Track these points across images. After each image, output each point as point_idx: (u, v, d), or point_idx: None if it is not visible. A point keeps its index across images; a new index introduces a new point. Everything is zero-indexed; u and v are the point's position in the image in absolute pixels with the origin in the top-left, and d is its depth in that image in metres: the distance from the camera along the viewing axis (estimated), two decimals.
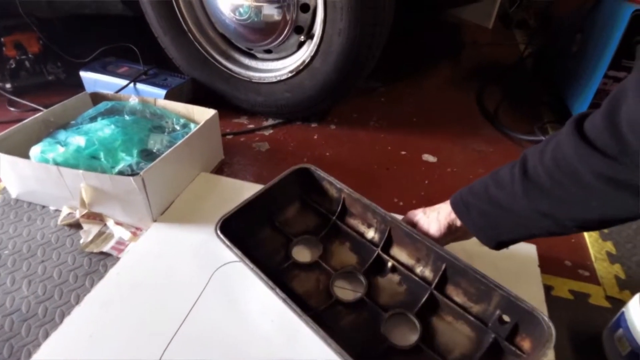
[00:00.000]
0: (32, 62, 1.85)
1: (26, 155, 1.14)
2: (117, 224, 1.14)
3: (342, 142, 1.64)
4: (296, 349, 0.85)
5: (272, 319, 0.91)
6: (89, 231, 1.12)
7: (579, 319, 0.98)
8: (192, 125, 1.36)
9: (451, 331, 0.88)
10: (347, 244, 1.08)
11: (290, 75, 1.56)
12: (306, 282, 0.99)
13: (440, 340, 0.87)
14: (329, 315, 0.90)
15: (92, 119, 1.32)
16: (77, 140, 1.16)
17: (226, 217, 0.98)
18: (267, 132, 1.68)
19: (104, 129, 1.22)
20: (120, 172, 1.13)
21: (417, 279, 0.95)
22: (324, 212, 1.13)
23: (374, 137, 1.68)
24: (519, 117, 1.87)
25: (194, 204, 1.22)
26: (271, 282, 0.85)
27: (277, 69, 1.64)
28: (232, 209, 1.00)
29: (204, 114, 1.36)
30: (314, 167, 1.12)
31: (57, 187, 1.12)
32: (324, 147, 1.60)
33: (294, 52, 1.59)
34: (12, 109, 1.72)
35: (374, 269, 1.01)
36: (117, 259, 1.06)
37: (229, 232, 0.95)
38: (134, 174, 1.10)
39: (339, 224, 1.10)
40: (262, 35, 1.53)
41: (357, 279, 0.99)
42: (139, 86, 1.67)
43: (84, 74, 1.74)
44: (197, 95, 1.76)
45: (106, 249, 1.09)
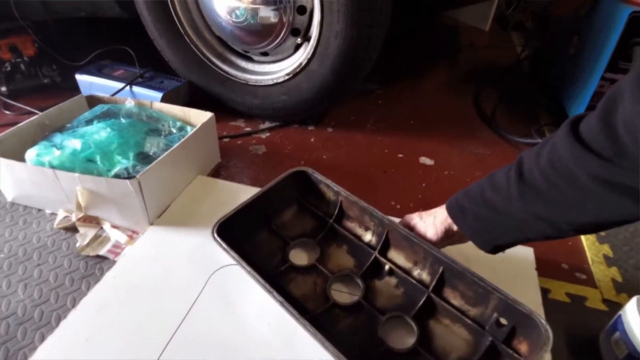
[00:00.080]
0: (28, 65, 1.84)
1: (22, 158, 1.14)
2: (114, 227, 1.14)
3: (339, 145, 1.64)
4: (293, 352, 0.85)
5: (269, 322, 0.90)
6: (85, 234, 1.12)
7: (575, 322, 0.98)
8: (188, 128, 1.36)
9: (448, 334, 0.88)
10: (345, 247, 1.08)
11: (287, 77, 1.56)
12: (303, 285, 0.99)
13: (437, 343, 0.87)
14: (326, 318, 0.90)
15: (88, 122, 1.32)
16: (73, 143, 1.16)
17: (223, 220, 0.98)
18: (263, 135, 1.68)
19: (100, 132, 1.21)
20: (116, 175, 1.12)
21: (414, 282, 0.95)
22: (321, 215, 1.13)
23: (371, 140, 1.68)
24: (516, 120, 1.87)
25: (191, 207, 1.21)
26: (268, 285, 0.85)
27: (273, 71, 1.63)
28: (229, 212, 1.00)
29: (200, 117, 1.36)
30: (311, 170, 1.12)
31: (53, 190, 1.12)
32: (321, 150, 1.60)
33: (291, 55, 1.59)
34: (8, 112, 1.72)
35: (371, 272, 1.00)
36: (114, 262, 1.05)
37: (226, 235, 0.95)
38: (130, 177, 1.09)
39: (336, 227, 1.10)
40: (259, 37, 1.53)
41: (355, 282, 0.98)
42: (135, 89, 1.66)
43: (79, 77, 1.74)
44: (193, 98, 1.75)
45: (102, 252, 1.08)
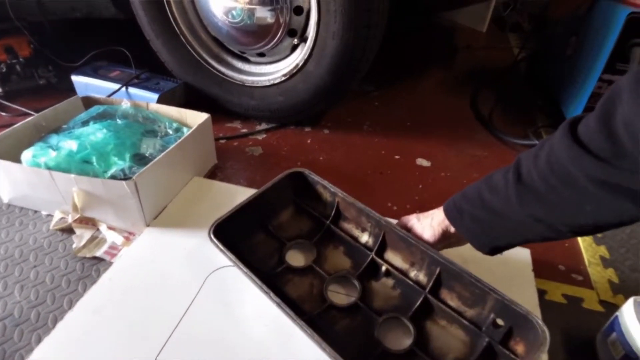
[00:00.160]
0: (23, 66, 1.84)
1: (18, 159, 1.14)
2: (110, 228, 1.14)
3: (336, 146, 1.64)
4: (290, 354, 0.85)
5: (266, 324, 0.90)
6: (82, 236, 1.11)
7: (572, 323, 0.98)
8: (184, 129, 1.36)
9: (445, 335, 0.88)
10: (341, 248, 1.08)
11: (283, 78, 1.56)
12: (300, 286, 0.99)
13: (434, 344, 0.87)
14: (323, 319, 0.90)
15: (84, 123, 1.31)
16: (69, 144, 1.16)
17: (219, 221, 0.98)
18: (260, 137, 1.68)
19: (96, 133, 1.21)
20: (112, 177, 1.12)
21: (411, 283, 0.95)
22: (317, 216, 1.13)
23: (367, 142, 1.68)
24: (513, 121, 1.87)
25: (187, 209, 1.21)
26: (265, 286, 0.85)
27: (270, 72, 1.63)
28: (226, 213, 1.00)
29: (196, 118, 1.36)
30: (307, 171, 1.12)
31: (49, 191, 1.11)
32: (318, 151, 1.60)
33: (288, 56, 1.58)
34: (3, 114, 1.71)
35: (368, 273, 1.00)
36: (110, 263, 1.05)
37: (223, 237, 0.94)
38: (126, 178, 1.09)
39: (332, 228, 1.10)
40: (255, 38, 1.53)
41: (351, 283, 0.98)
42: (131, 90, 1.66)
43: (75, 78, 1.74)
44: (189, 99, 1.75)
45: (99, 253, 1.08)
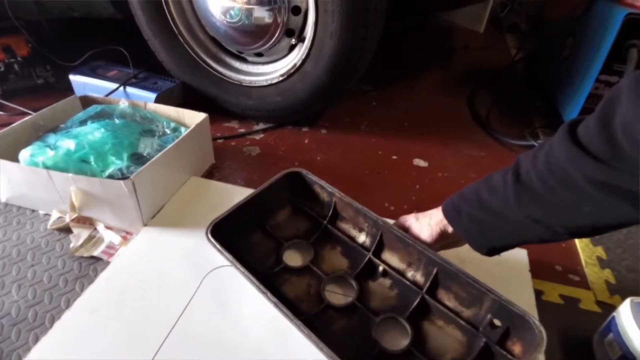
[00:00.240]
0: (21, 66, 1.83)
1: (15, 158, 1.14)
2: (107, 228, 1.13)
3: (333, 146, 1.64)
4: (288, 354, 0.85)
5: (263, 324, 0.90)
6: (79, 235, 1.11)
7: (569, 323, 0.98)
8: (182, 129, 1.36)
9: (442, 335, 0.88)
10: (338, 248, 1.08)
11: (281, 78, 1.56)
12: (297, 286, 0.99)
13: (431, 344, 0.87)
14: (320, 319, 0.90)
15: (82, 123, 1.31)
16: (67, 143, 1.16)
17: (217, 221, 0.98)
18: (257, 137, 1.68)
19: (94, 132, 1.21)
20: (110, 176, 1.12)
21: (408, 283, 0.95)
22: (315, 216, 1.13)
23: (365, 142, 1.68)
24: (510, 122, 1.87)
25: (185, 208, 1.21)
26: (262, 286, 0.85)
27: (268, 72, 1.63)
28: (223, 213, 1.00)
29: (194, 118, 1.36)
30: (305, 171, 1.12)
31: (47, 190, 1.11)
32: (315, 151, 1.60)
33: (285, 56, 1.59)
34: (1, 113, 1.71)
35: (365, 273, 1.00)
36: (108, 263, 1.05)
37: (220, 236, 0.94)
38: (124, 177, 1.09)
39: (330, 228, 1.10)
40: (253, 38, 1.53)
41: (348, 283, 0.98)
42: (129, 90, 1.66)
43: (73, 78, 1.73)
44: (187, 99, 1.75)
45: (96, 253, 1.08)
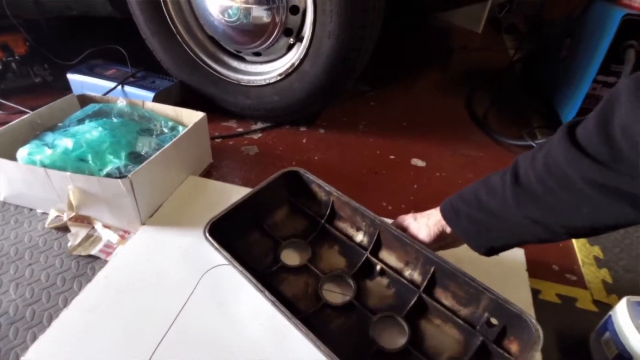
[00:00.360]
0: (19, 64, 1.83)
1: (13, 157, 1.14)
2: (105, 227, 1.13)
3: (331, 146, 1.64)
4: (285, 352, 0.85)
5: (261, 322, 0.90)
6: (77, 234, 1.11)
7: (566, 322, 0.98)
8: (180, 128, 1.36)
9: (439, 334, 0.88)
10: (336, 247, 1.08)
11: (279, 78, 1.56)
12: (295, 285, 0.99)
13: (428, 343, 0.87)
14: (318, 318, 0.90)
15: (80, 121, 1.31)
16: (65, 142, 1.16)
17: (215, 220, 0.98)
18: (255, 136, 1.68)
19: (92, 131, 1.21)
20: (108, 175, 1.12)
21: (405, 282, 0.95)
22: (312, 216, 1.13)
23: (363, 141, 1.68)
24: (508, 122, 1.88)
25: (183, 207, 1.21)
26: (260, 284, 0.85)
27: (266, 71, 1.63)
28: (221, 212, 1.00)
29: (192, 117, 1.36)
30: (302, 170, 1.12)
31: (45, 189, 1.11)
32: (313, 151, 1.60)
33: (283, 55, 1.59)
34: None
35: (362, 272, 1.01)
36: (105, 262, 1.05)
37: (218, 235, 0.94)
38: (122, 176, 1.09)
39: (327, 227, 1.10)
40: (251, 37, 1.53)
41: (346, 282, 0.99)
42: (127, 89, 1.66)
43: (71, 76, 1.73)
44: (185, 98, 1.75)
45: (94, 252, 1.08)
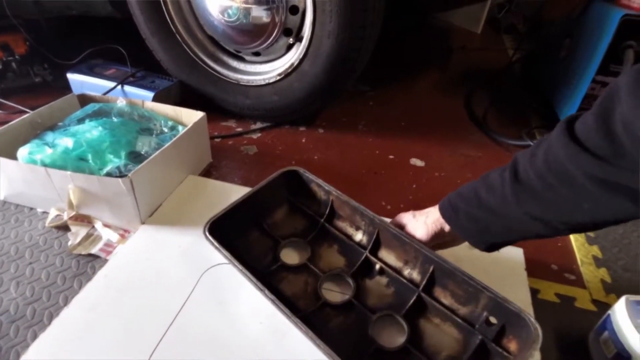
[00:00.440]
0: (19, 64, 1.84)
1: (13, 156, 1.14)
2: (105, 226, 1.14)
3: (331, 145, 1.64)
4: (285, 351, 0.85)
5: (260, 321, 0.91)
6: (77, 233, 1.12)
7: (565, 322, 0.99)
8: (180, 127, 1.36)
9: (439, 333, 0.88)
10: (335, 246, 1.08)
11: (278, 78, 1.56)
12: (294, 284, 0.99)
13: (428, 342, 0.87)
14: (317, 317, 0.90)
15: (80, 121, 1.31)
16: (65, 141, 1.16)
17: (214, 219, 0.98)
18: (255, 136, 1.68)
19: (92, 130, 1.21)
20: (108, 174, 1.12)
21: (404, 281, 0.95)
22: (312, 215, 1.13)
23: (362, 141, 1.69)
24: (507, 122, 1.88)
25: (182, 207, 1.21)
26: (260, 283, 0.85)
27: (265, 71, 1.64)
28: (221, 211, 1.00)
29: (192, 117, 1.36)
30: (302, 170, 1.12)
31: (45, 188, 1.12)
32: (312, 150, 1.60)
33: (283, 55, 1.59)
34: None
35: (362, 271, 1.01)
36: (105, 261, 1.05)
37: (218, 234, 0.94)
38: (122, 175, 1.09)
39: (327, 226, 1.10)
40: (251, 37, 1.53)
41: (345, 281, 0.99)
42: (127, 88, 1.66)
43: (71, 76, 1.73)
44: (185, 97, 1.75)
45: (94, 251, 1.08)
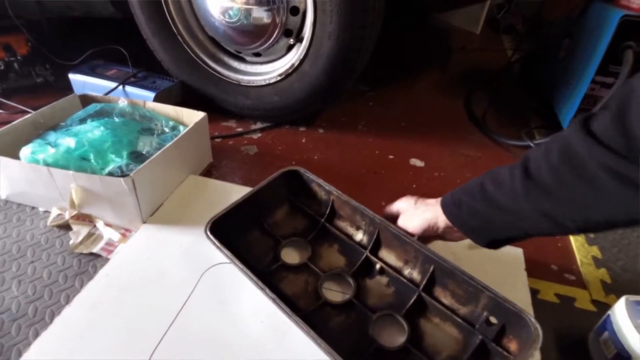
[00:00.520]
0: (21, 64, 1.84)
1: (16, 156, 1.14)
2: (107, 225, 1.14)
3: (331, 146, 1.65)
4: (286, 350, 0.86)
5: (261, 320, 0.91)
6: (79, 232, 1.12)
7: (565, 322, 0.99)
8: (181, 127, 1.36)
9: (439, 333, 0.89)
10: (336, 246, 1.08)
11: (279, 78, 1.57)
12: (295, 283, 0.99)
13: (428, 341, 0.88)
14: (318, 316, 0.91)
15: (82, 121, 1.32)
16: (67, 141, 1.16)
17: (216, 218, 0.98)
18: (255, 136, 1.68)
19: (94, 130, 1.22)
20: (110, 174, 1.12)
21: (405, 281, 0.95)
22: (312, 215, 1.14)
23: (362, 141, 1.69)
24: (507, 122, 1.88)
25: (183, 206, 1.22)
26: (261, 282, 0.85)
27: (266, 72, 1.64)
28: (222, 210, 1.00)
29: (193, 117, 1.37)
30: (302, 170, 1.13)
31: (47, 188, 1.12)
32: (312, 150, 1.60)
33: (283, 55, 1.59)
34: (1, 111, 1.71)
35: (362, 270, 1.01)
36: (107, 260, 1.06)
37: (219, 234, 0.95)
38: (123, 175, 1.10)
39: (327, 226, 1.11)
40: (252, 38, 1.53)
41: (346, 280, 0.99)
42: (128, 89, 1.66)
43: (72, 77, 1.74)
44: (186, 98, 1.76)
45: (96, 250, 1.09)
